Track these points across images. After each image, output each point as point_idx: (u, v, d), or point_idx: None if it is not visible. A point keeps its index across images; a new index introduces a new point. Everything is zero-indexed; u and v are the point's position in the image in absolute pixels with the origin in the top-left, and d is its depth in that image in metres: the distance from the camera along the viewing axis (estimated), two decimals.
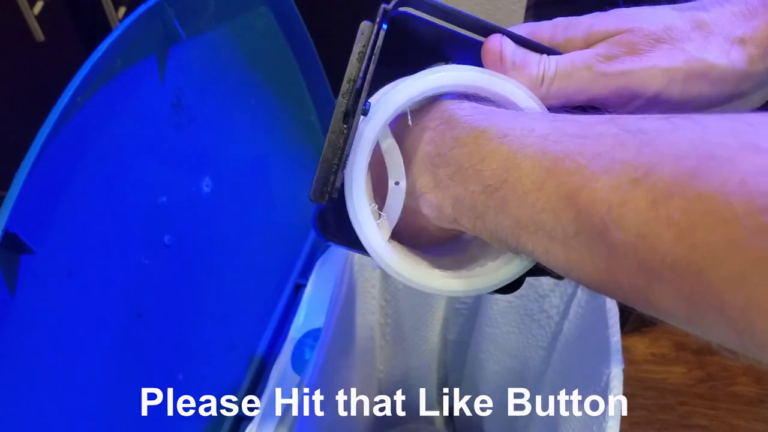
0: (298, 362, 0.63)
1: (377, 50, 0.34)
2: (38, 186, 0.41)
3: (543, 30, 0.38)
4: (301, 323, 0.65)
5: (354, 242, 0.36)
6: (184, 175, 0.59)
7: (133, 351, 0.54)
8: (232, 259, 0.67)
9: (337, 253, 0.68)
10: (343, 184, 0.35)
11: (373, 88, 0.36)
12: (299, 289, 0.75)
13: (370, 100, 0.35)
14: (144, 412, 0.56)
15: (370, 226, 0.35)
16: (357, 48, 0.34)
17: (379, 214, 0.36)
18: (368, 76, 0.34)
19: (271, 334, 0.71)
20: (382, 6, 0.34)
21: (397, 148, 0.35)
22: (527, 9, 0.82)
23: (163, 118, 0.55)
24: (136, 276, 0.54)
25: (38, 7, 0.83)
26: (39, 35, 0.84)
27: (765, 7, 0.34)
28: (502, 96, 0.35)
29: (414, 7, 0.35)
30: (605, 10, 0.37)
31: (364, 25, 0.34)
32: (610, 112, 0.35)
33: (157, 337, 0.57)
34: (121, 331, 0.53)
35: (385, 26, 0.34)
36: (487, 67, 0.36)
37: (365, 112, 0.34)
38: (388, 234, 0.36)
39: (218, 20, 0.59)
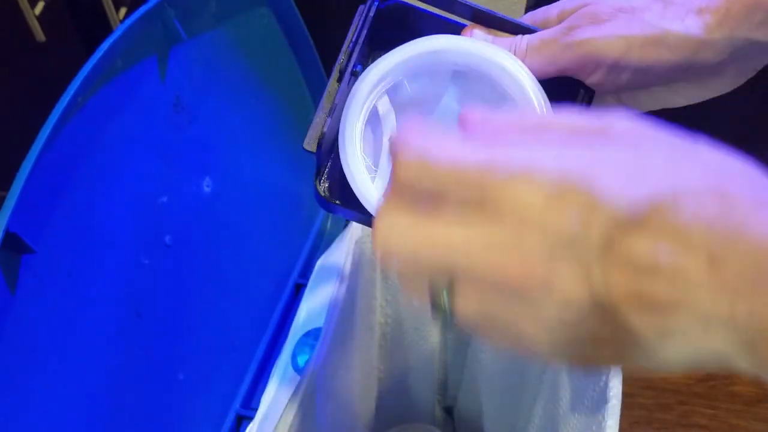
0: (298, 362, 0.63)
1: (368, 21, 0.38)
2: (39, 186, 0.41)
3: (525, 19, 0.41)
4: (301, 323, 0.66)
5: (349, 203, 0.38)
6: (185, 175, 0.59)
7: (133, 351, 0.54)
8: (232, 259, 0.67)
9: (337, 253, 0.68)
10: (336, 139, 0.38)
11: None
12: (299, 289, 0.75)
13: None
14: (144, 412, 0.56)
15: (360, 171, 0.37)
16: (353, 25, 0.39)
17: (374, 169, 0.38)
18: (360, 41, 0.38)
19: (271, 334, 0.71)
20: None
21: (393, 112, 0.38)
22: (527, 9, 0.82)
23: (163, 118, 0.55)
24: (136, 276, 0.54)
25: (39, 8, 0.83)
26: (40, 35, 0.84)
27: None
28: (490, 61, 0.38)
29: None
30: None
31: (361, 8, 0.39)
32: (585, 83, 0.38)
33: (157, 337, 0.57)
34: (122, 330, 0.53)
35: (377, 2, 0.38)
36: None
37: (356, 73, 0.38)
38: (385, 184, 0.38)
39: (219, 21, 0.59)
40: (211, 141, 0.62)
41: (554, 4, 0.41)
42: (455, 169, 0.22)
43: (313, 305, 0.66)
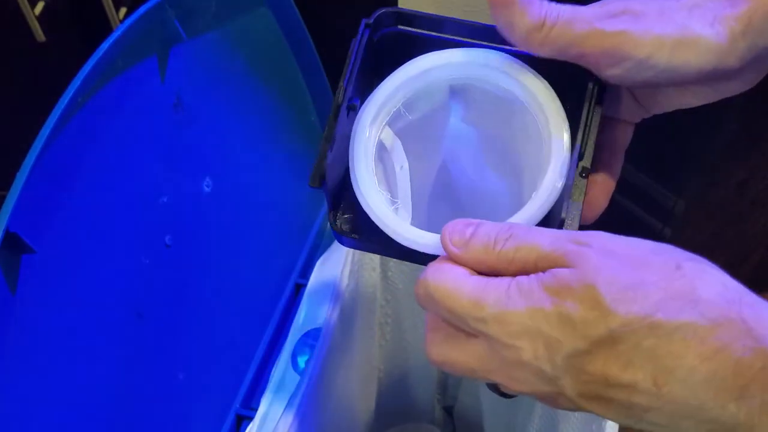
0: (298, 362, 0.63)
1: (360, 55, 0.37)
2: (39, 186, 0.41)
3: None
4: (301, 323, 0.66)
5: (368, 235, 0.37)
6: (185, 175, 0.59)
7: (133, 351, 0.54)
8: (232, 259, 0.67)
9: (337, 253, 0.68)
10: (339, 185, 0.38)
11: None
12: (299, 289, 0.75)
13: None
14: (144, 411, 0.56)
15: (385, 211, 0.36)
16: (347, 58, 0.38)
17: (393, 201, 0.37)
18: (353, 76, 0.37)
19: (271, 334, 0.72)
20: (363, 21, 0.38)
21: (399, 141, 0.38)
22: None
23: (163, 118, 0.55)
24: (136, 276, 0.54)
25: (39, 8, 0.83)
26: (40, 36, 0.84)
27: None
28: (484, 66, 0.37)
29: (401, 24, 0.39)
30: None
31: (354, 40, 0.38)
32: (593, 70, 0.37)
33: (157, 336, 0.57)
34: (122, 330, 0.53)
35: (367, 34, 0.38)
36: (494, 7, 0.36)
37: (353, 107, 0.37)
38: (409, 215, 0.37)
39: (219, 21, 0.59)
40: (211, 141, 0.62)
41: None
42: (463, 317, 0.32)
43: (313, 305, 0.66)
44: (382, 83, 0.38)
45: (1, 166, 0.55)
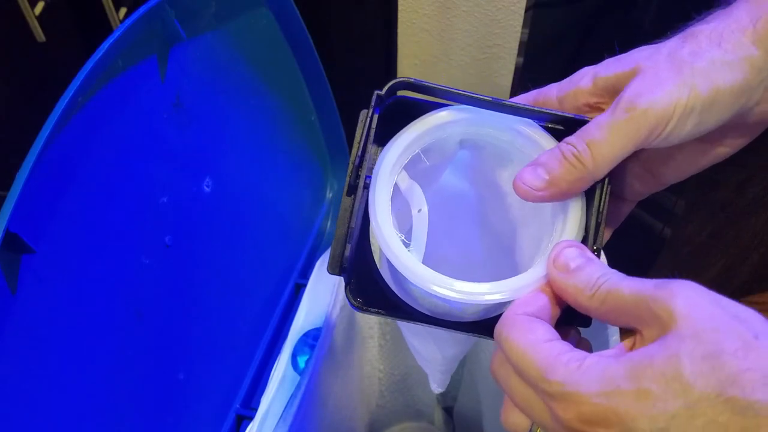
0: (298, 362, 0.63)
1: (372, 132, 0.36)
2: (39, 186, 0.41)
3: (550, 90, 0.38)
4: (301, 323, 0.66)
5: (385, 305, 0.37)
6: (185, 175, 0.59)
7: (133, 351, 0.54)
8: (232, 259, 0.67)
9: None
10: (355, 256, 0.37)
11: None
12: (299, 289, 0.75)
13: None
14: (144, 412, 0.56)
15: (403, 252, 0.36)
16: (358, 132, 0.36)
17: (407, 242, 0.37)
18: (366, 154, 0.36)
19: (271, 334, 0.72)
20: (375, 92, 0.36)
21: (417, 185, 0.38)
22: (527, 9, 0.82)
23: (163, 118, 0.55)
24: (136, 276, 0.54)
25: (39, 8, 0.83)
26: (40, 36, 0.84)
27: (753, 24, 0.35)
28: (501, 125, 0.37)
29: (412, 90, 0.37)
30: (604, 58, 0.38)
31: (363, 113, 0.36)
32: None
33: (157, 336, 0.57)
34: (122, 330, 0.53)
35: (378, 111, 0.36)
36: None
37: (367, 185, 0.36)
38: (421, 257, 0.37)
39: (219, 21, 0.59)
40: (211, 141, 0.62)
41: (581, 73, 0.38)
42: (532, 383, 0.31)
43: (313, 305, 0.66)
44: (401, 133, 0.37)
45: (1, 166, 0.55)
